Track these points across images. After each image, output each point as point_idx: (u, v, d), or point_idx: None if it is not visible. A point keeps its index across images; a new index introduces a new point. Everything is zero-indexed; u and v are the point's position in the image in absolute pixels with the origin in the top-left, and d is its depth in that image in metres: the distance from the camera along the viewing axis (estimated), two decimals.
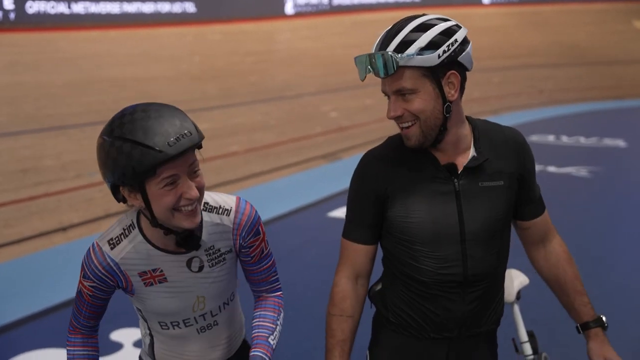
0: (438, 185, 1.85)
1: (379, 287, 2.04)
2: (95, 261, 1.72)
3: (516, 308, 2.45)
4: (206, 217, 1.78)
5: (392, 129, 1.88)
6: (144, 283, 1.75)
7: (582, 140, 10.99)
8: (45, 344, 4.09)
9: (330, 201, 7.24)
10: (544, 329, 3.65)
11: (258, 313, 1.97)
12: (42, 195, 6.98)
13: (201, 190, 1.66)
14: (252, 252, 1.88)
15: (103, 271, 1.73)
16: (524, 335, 2.37)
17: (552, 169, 8.77)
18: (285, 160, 8.97)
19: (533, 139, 10.92)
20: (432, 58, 1.75)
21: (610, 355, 2.03)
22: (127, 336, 3.99)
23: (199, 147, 1.63)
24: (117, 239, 1.73)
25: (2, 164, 7.79)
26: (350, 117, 11.71)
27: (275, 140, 9.94)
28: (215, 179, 7.43)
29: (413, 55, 1.74)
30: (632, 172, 8.91)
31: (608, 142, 10.82)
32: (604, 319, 2.06)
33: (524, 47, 18.83)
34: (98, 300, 1.81)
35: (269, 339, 1.88)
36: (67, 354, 1.86)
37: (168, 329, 1.84)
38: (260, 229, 1.88)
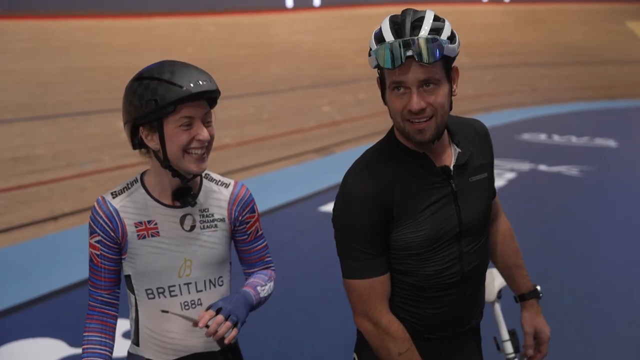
0: (438, 191, 1.81)
1: None
2: (99, 211, 1.85)
3: (497, 307, 2.48)
4: (206, 183, 1.94)
5: (384, 124, 1.84)
6: (138, 235, 1.84)
7: (574, 139, 11.04)
8: (34, 333, 4.10)
9: (322, 195, 7.26)
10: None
11: (252, 273, 2.06)
12: (33, 184, 6.97)
13: (212, 138, 1.82)
14: (248, 229, 1.99)
15: (105, 219, 1.84)
16: (505, 334, 2.40)
17: (543, 167, 8.81)
18: (277, 154, 8.98)
19: (525, 137, 10.97)
20: (454, 49, 1.71)
21: (540, 325, 2.13)
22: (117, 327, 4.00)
23: (214, 103, 1.83)
24: (120, 191, 1.89)
25: None
26: (343, 111, 11.73)
27: (268, 133, 9.95)
28: (207, 171, 7.42)
29: (447, 43, 1.68)
30: (622, 172, 8.97)
31: (599, 141, 10.88)
32: (538, 288, 2.17)
33: (519, 45, 18.87)
34: (107, 262, 1.87)
35: (257, 288, 1.96)
36: (83, 339, 1.88)
37: (154, 297, 1.87)
38: (255, 208, 2.01)
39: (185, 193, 1.87)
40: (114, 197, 1.87)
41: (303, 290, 4.78)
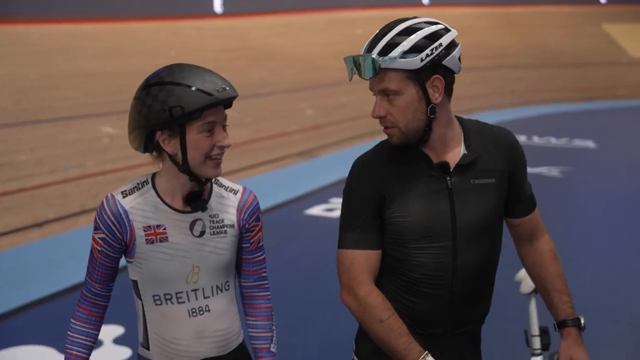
0: (432, 183, 1.88)
1: None
2: (107, 209, 1.83)
3: (532, 301, 2.47)
4: (216, 189, 1.94)
5: (367, 127, 1.91)
6: (146, 240, 1.83)
7: (553, 140, 11.19)
8: (21, 341, 4.06)
9: (307, 199, 7.29)
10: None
11: (253, 322, 2.05)
12: (16, 190, 6.91)
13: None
14: (252, 238, 1.99)
15: (112, 218, 1.83)
16: (535, 329, 2.39)
17: None
18: (261, 158, 8.99)
19: None
20: (415, 61, 1.79)
21: (577, 355, 2.03)
22: (107, 333, 3.99)
23: (230, 106, 1.84)
24: (130, 190, 1.86)
25: None
26: (325, 114, 11.77)
27: (251, 137, 9.95)
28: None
29: (396, 58, 1.79)
30: (601, 172, 9.11)
31: (578, 142, 11.04)
32: (582, 320, 2.07)
33: (496, 48, 19.06)
34: (106, 259, 1.87)
35: (271, 348, 2.01)
36: (69, 327, 1.93)
37: (161, 304, 1.88)
38: (260, 217, 2.01)
39: (197, 197, 1.87)
40: (124, 197, 1.85)
41: (292, 294, 4.80)
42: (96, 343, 1.97)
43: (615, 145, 10.93)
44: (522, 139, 11.16)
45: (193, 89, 1.73)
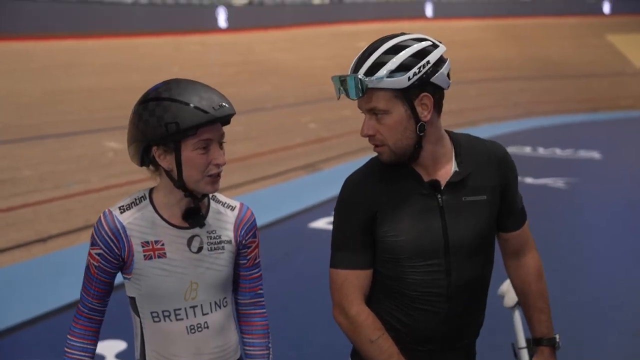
0: (423, 201, 1.87)
1: None
2: (104, 225, 1.82)
3: (517, 313, 2.46)
4: (213, 205, 1.92)
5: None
6: (144, 255, 1.82)
7: (558, 151, 11.16)
8: (24, 356, 4.04)
9: (311, 212, 7.27)
10: None
11: (249, 340, 2.02)
12: (19, 206, 6.91)
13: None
14: (249, 254, 1.96)
15: (110, 234, 1.81)
16: (522, 342, 2.37)
17: (529, 180, 8.88)
18: (265, 171, 8.99)
19: (510, 150, 10.98)
20: (402, 81, 1.78)
21: None
22: (110, 348, 3.96)
23: (228, 123, 1.82)
24: (127, 206, 1.85)
25: None
26: (329, 128, 11.77)
27: (256, 151, 9.95)
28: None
29: (383, 77, 1.78)
30: (606, 183, 9.07)
31: (583, 153, 11.00)
32: (557, 338, 2.09)
33: (500, 60, 19.09)
34: (103, 275, 1.86)
35: None
36: (66, 342, 1.90)
37: (159, 320, 1.85)
38: (257, 234, 1.99)
39: (195, 213, 1.85)
40: (121, 212, 1.83)
41: (295, 307, 4.77)
42: (95, 359, 1.95)
43: (619, 156, 10.90)
44: (527, 150, 11.15)
45: (190, 105, 1.73)
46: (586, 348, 4.07)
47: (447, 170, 1.90)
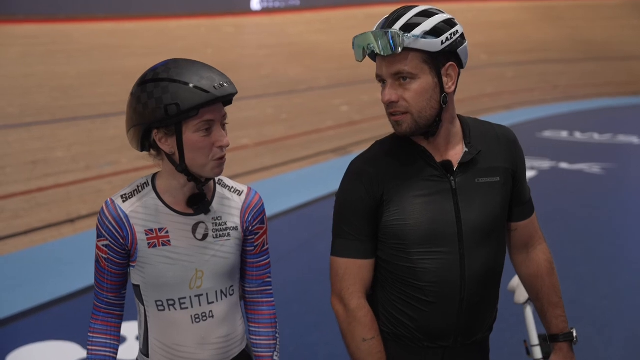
0: (434, 183, 1.78)
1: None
2: (107, 214, 1.77)
3: (528, 309, 2.39)
4: (219, 190, 1.86)
5: None
6: (148, 243, 1.77)
7: (596, 136, 10.88)
8: (50, 335, 4.10)
9: None
10: None
11: (255, 329, 1.97)
12: (51, 186, 7.00)
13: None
14: (256, 241, 1.90)
15: (114, 223, 1.76)
16: (534, 339, 2.30)
17: (564, 165, 8.69)
18: (295, 154, 8.95)
19: (546, 134, 10.84)
20: (436, 43, 1.71)
21: None
22: (131, 330, 3.98)
23: (230, 103, 1.75)
24: (130, 194, 1.80)
25: (12, 155, 7.82)
26: (361, 111, 11.67)
27: (286, 134, 9.92)
28: (226, 172, 7.26)
29: (418, 37, 1.70)
30: None
31: (622, 138, 10.71)
32: (574, 333, 2.00)
33: (538, 41, 18.66)
34: (114, 266, 1.82)
35: (274, 357, 1.94)
36: (88, 340, 1.87)
37: (164, 309, 1.82)
38: (265, 220, 1.92)
39: (199, 199, 1.79)
40: (124, 201, 1.78)
41: (321, 290, 4.74)
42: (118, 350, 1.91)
43: None
44: (564, 134, 10.91)
45: (190, 85, 1.66)
46: (618, 340, 3.96)
47: (458, 151, 1.82)
